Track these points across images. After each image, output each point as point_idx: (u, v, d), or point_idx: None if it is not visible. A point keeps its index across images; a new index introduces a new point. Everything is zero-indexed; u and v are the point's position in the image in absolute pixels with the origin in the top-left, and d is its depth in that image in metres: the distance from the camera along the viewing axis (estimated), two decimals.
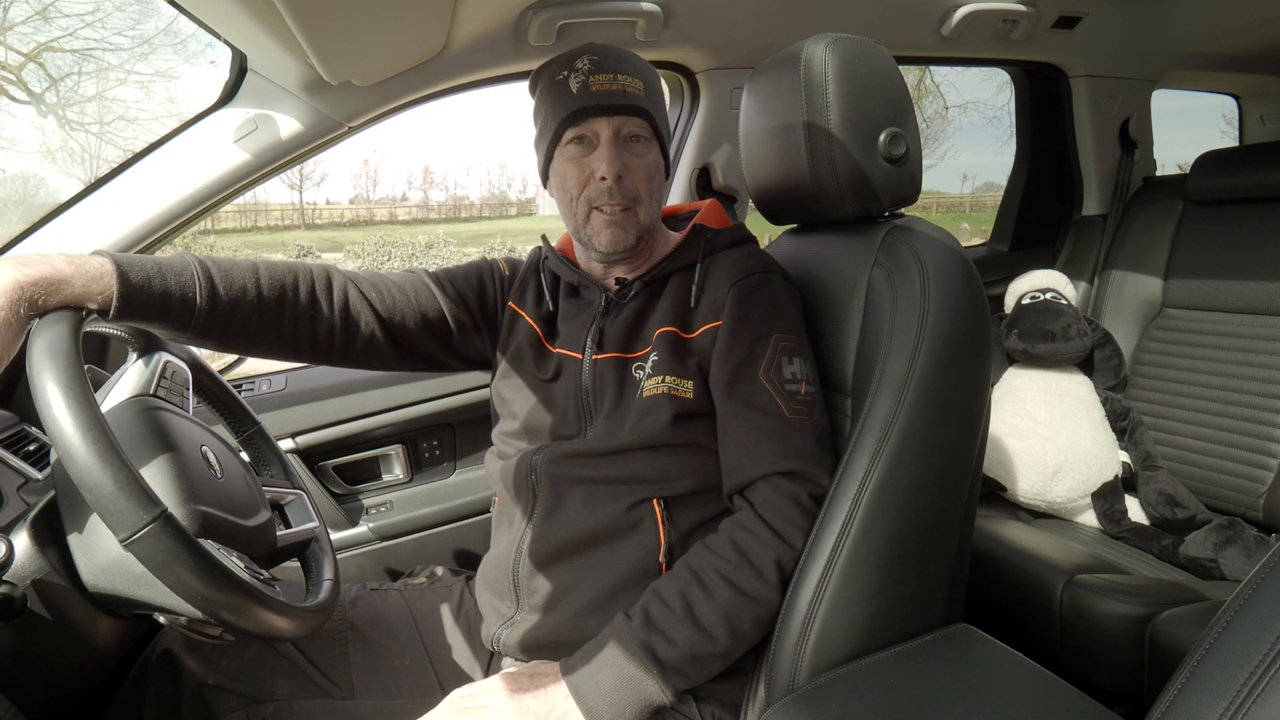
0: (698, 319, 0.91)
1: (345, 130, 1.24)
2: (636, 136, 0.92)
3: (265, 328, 0.87)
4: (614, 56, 0.92)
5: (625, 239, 0.92)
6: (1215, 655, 0.46)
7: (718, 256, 0.95)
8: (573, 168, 0.91)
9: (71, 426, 0.59)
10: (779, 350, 0.87)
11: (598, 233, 0.92)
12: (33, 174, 17.20)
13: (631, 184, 0.91)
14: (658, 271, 0.95)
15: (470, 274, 1.04)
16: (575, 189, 0.92)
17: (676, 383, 0.88)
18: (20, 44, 12.03)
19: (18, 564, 0.70)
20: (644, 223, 0.93)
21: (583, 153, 0.91)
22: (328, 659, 0.92)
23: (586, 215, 0.92)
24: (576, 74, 0.90)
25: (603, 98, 0.89)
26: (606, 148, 0.89)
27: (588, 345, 0.95)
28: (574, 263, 1.03)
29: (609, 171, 0.89)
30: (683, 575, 0.80)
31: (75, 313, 0.69)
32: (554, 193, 0.96)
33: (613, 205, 0.90)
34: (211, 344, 0.86)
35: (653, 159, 0.93)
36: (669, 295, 0.94)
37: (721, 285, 0.91)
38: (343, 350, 0.94)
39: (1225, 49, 1.93)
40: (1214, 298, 1.61)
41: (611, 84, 0.89)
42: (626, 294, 0.96)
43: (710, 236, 0.97)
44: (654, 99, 0.94)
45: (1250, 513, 1.44)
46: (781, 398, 0.85)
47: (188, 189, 1.14)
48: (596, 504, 0.87)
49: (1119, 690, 1.17)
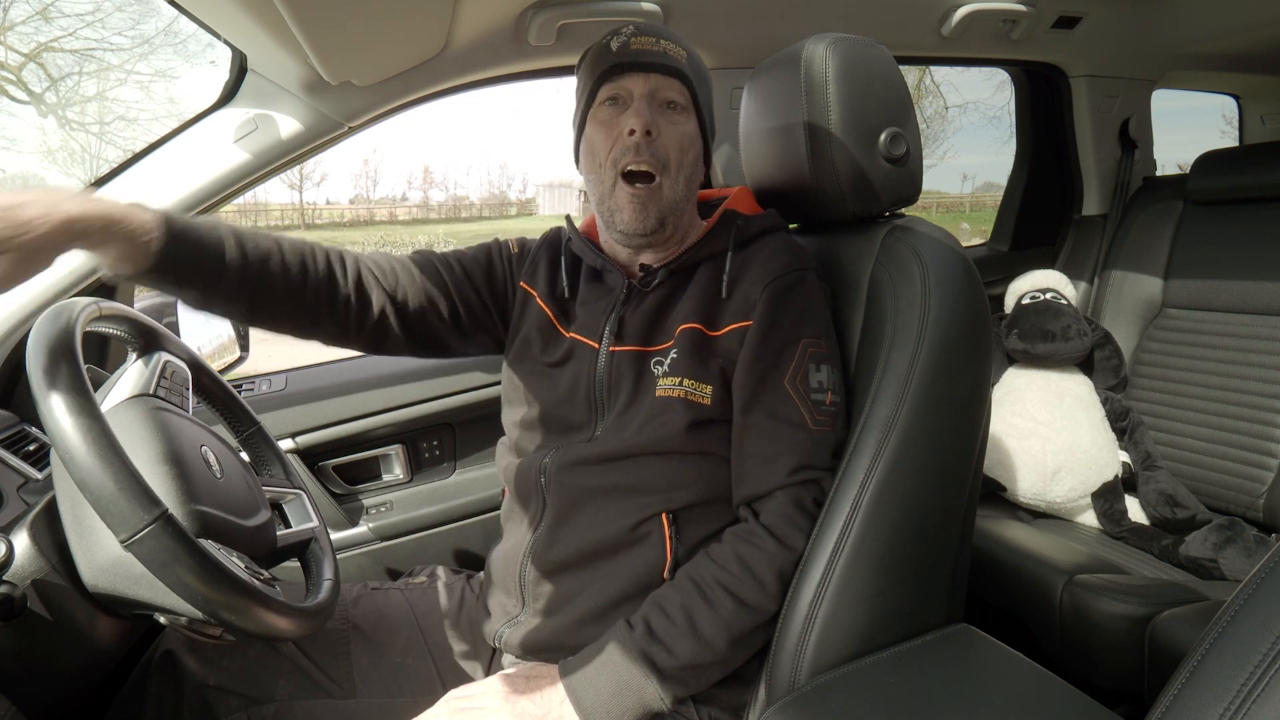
0: (726, 316, 0.87)
1: (345, 130, 1.24)
2: (673, 103, 0.87)
3: (290, 293, 0.85)
4: (661, 27, 0.90)
5: (646, 220, 0.87)
6: (1215, 655, 0.46)
7: (751, 248, 0.90)
8: (602, 130, 0.87)
9: (71, 426, 0.59)
10: (807, 356, 0.84)
11: (620, 208, 0.87)
12: (33, 174, 17.23)
13: (662, 147, 0.85)
14: (685, 259, 0.91)
15: (479, 254, 1.02)
16: (604, 152, 0.87)
17: (694, 386, 0.85)
18: (20, 44, 12.05)
19: (18, 564, 0.70)
20: (668, 200, 0.88)
21: (615, 113, 0.87)
22: (329, 659, 0.92)
23: (613, 184, 0.87)
24: (619, 37, 0.88)
25: (641, 55, 0.86)
26: (639, 103, 0.85)
27: (606, 335, 0.91)
28: (598, 245, 0.98)
29: (638, 124, 0.84)
30: (685, 586, 0.80)
31: (76, 307, 0.69)
32: (583, 164, 0.91)
33: (638, 164, 0.85)
34: (238, 309, 0.84)
35: (689, 129, 0.88)
36: (696, 286, 0.90)
37: (755, 284, 0.86)
38: (357, 327, 0.92)
39: (1225, 49, 1.93)
40: (1214, 298, 1.61)
41: (654, 45, 0.87)
42: (650, 282, 0.91)
43: (741, 223, 0.91)
44: (697, 71, 0.90)
45: (1250, 513, 1.44)
46: (806, 408, 0.82)
47: (188, 189, 1.14)
48: (605, 517, 0.86)
49: (1119, 690, 1.17)
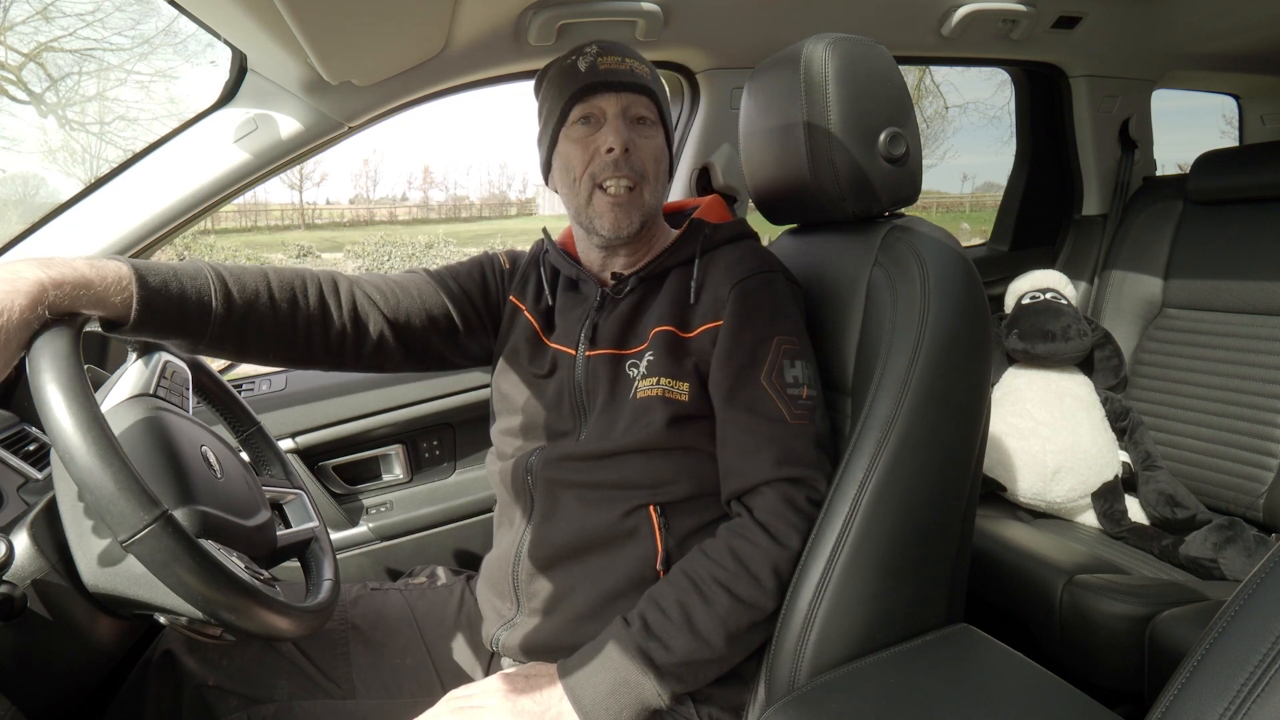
0: (696, 318, 0.90)
1: (345, 130, 1.24)
2: (644, 119, 0.91)
3: (280, 332, 0.86)
4: (621, 45, 0.93)
5: (629, 222, 0.90)
6: (1215, 655, 0.46)
7: (718, 253, 0.93)
8: (578, 148, 0.90)
9: (71, 427, 0.59)
10: (781, 353, 0.86)
11: (600, 214, 0.90)
12: (33, 174, 17.20)
13: (639, 160, 0.89)
14: (655, 266, 0.94)
15: (473, 270, 1.04)
16: (579, 167, 0.90)
17: (671, 384, 0.86)
18: (20, 44, 12.04)
19: (18, 564, 0.70)
20: (648, 205, 0.92)
21: (589, 132, 0.90)
22: (329, 659, 0.92)
23: (589, 195, 0.90)
24: (584, 57, 0.90)
25: (611, 75, 0.89)
26: (615, 121, 0.89)
27: (581, 341, 0.94)
28: (574, 256, 1.01)
29: (617, 143, 0.87)
30: (680, 582, 0.80)
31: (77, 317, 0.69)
32: (556, 179, 0.95)
33: (618, 179, 0.88)
34: (227, 353, 0.84)
35: (659, 143, 0.93)
36: (667, 292, 0.93)
37: (723, 285, 0.89)
38: (354, 354, 0.93)
39: (1225, 49, 1.93)
40: (1214, 298, 1.61)
41: (620, 64, 0.90)
42: (622, 289, 0.94)
43: (709, 231, 0.95)
44: (660, 87, 0.95)
45: (1250, 513, 1.44)
46: (783, 402, 0.84)
47: (188, 189, 1.14)
48: (592, 509, 0.87)
49: (1119, 690, 1.17)
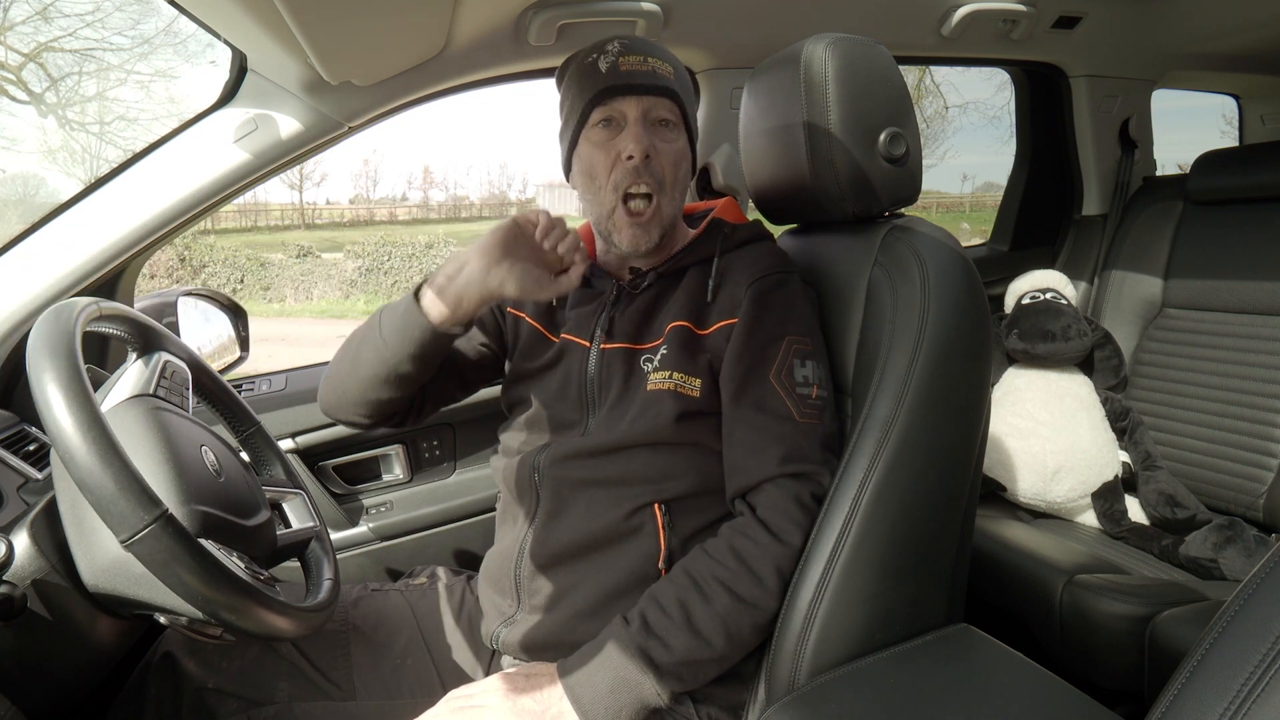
0: (713, 315, 0.90)
1: (345, 130, 1.23)
2: (665, 121, 0.90)
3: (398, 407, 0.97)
4: (644, 42, 0.92)
5: (648, 239, 0.91)
6: (1215, 655, 0.46)
7: (736, 253, 0.93)
8: (599, 153, 0.89)
9: (71, 426, 0.59)
10: (791, 352, 0.86)
11: (620, 229, 0.91)
12: (33, 174, 17.17)
13: (659, 167, 0.89)
14: (674, 264, 0.94)
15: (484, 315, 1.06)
16: (603, 175, 0.89)
17: (684, 379, 0.87)
18: (20, 44, 12.01)
19: (18, 564, 0.70)
20: (667, 216, 0.91)
21: (610, 135, 0.89)
22: (329, 660, 0.92)
23: (613, 207, 0.90)
24: (605, 56, 0.89)
25: (632, 77, 0.88)
26: (635, 126, 0.88)
27: (596, 333, 0.94)
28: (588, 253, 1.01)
29: (637, 150, 0.87)
30: (681, 581, 0.80)
31: (74, 308, 0.69)
32: (577, 179, 0.94)
33: (639, 186, 0.88)
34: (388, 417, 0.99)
35: (681, 146, 0.92)
36: (684, 289, 0.92)
37: (739, 284, 0.89)
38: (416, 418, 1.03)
39: (1225, 49, 1.93)
40: (1214, 298, 1.61)
41: (641, 65, 0.89)
42: (640, 284, 0.94)
43: (728, 231, 0.95)
44: (683, 86, 0.93)
45: (1250, 513, 1.44)
46: (792, 401, 0.84)
47: (188, 189, 1.14)
48: (598, 508, 0.87)
49: (1119, 690, 1.17)
